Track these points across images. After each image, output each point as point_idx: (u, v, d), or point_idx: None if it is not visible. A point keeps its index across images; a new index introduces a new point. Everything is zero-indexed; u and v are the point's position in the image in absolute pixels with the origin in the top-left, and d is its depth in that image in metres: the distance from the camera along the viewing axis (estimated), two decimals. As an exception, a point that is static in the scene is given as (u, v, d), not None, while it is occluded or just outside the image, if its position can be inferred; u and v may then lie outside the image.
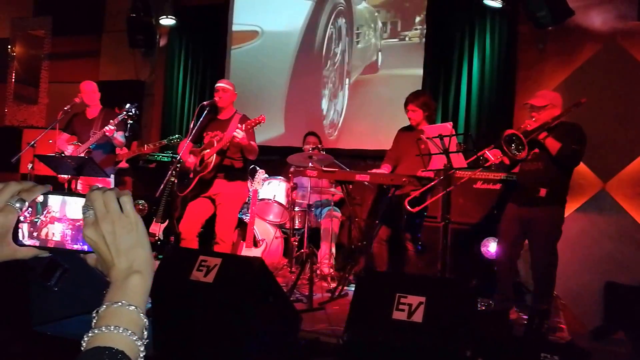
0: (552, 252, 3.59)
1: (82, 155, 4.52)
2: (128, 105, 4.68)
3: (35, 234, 0.82)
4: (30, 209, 0.82)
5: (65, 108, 4.90)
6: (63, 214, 0.82)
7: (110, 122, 4.57)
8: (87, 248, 0.79)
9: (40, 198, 0.82)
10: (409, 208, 3.68)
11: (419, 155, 3.71)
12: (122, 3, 6.82)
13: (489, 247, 4.28)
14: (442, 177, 3.57)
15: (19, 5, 7.87)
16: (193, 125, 4.37)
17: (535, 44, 4.97)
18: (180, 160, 4.40)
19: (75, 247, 0.81)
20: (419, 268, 4.32)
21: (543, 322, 3.34)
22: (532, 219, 3.62)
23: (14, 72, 7.82)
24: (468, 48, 5.40)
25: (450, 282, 3.25)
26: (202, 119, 4.37)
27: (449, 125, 3.60)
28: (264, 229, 5.03)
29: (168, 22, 6.44)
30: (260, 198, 4.98)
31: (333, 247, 5.08)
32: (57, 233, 0.82)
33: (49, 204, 0.82)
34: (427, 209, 4.18)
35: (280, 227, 5.19)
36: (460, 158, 3.55)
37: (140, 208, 5.39)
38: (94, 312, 0.71)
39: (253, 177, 4.85)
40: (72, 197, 0.83)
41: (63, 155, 4.49)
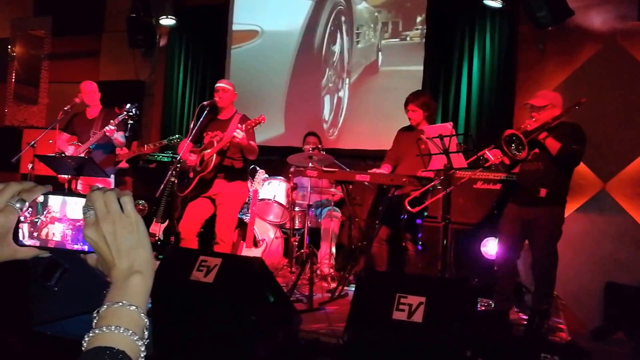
0: (552, 252, 3.59)
1: (82, 156, 4.52)
2: (128, 106, 4.68)
3: (36, 234, 0.82)
4: (31, 209, 0.82)
5: (66, 108, 4.90)
6: (63, 214, 0.82)
7: (111, 122, 4.57)
8: (87, 248, 0.79)
9: (41, 198, 0.82)
10: (409, 208, 3.68)
11: (419, 156, 3.71)
12: (122, 3, 6.81)
13: (489, 247, 4.28)
14: (442, 177, 3.57)
15: (19, 6, 7.87)
16: (193, 126, 4.37)
17: (536, 44, 4.97)
18: (181, 161, 4.40)
19: (76, 247, 0.81)
20: (419, 268, 4.32)
21: (543, 322, 3.33)
22: (532, 219, 3.62)
23: (14, 72, 7.82)
24: (468, 48, 5.40)
25: (451, 282, 3.26)
26: (202, 119, 4.37)
27: (449, 126, 3.60)
28: (264, 229, 5.03)
29: (168, 22, 6.44)
30: (261, 198, 4.98)
31: (333, 247, 5.07)
32: (57, 233, 0.82)
33: (50, 204, 0.82)
34: (427, 209, 4.19)
35: (281, 227, 5.19)
36: (461, 158, 3.55)
37: (141, 208, 5.38)
38: (95, 312, 0.71)
39: (253, 177, 4.85)
40: (72, 197, 0.83)
41: (63, 156, 4.49)
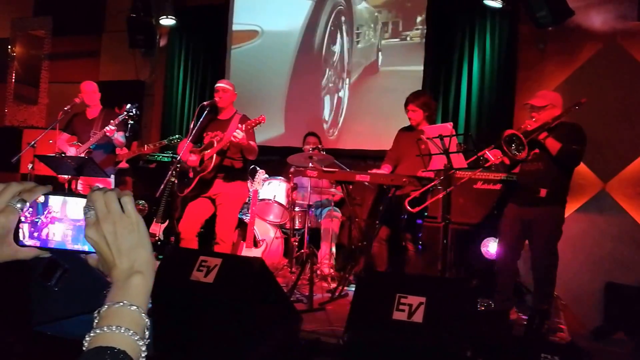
0: (552, 252, 3.59)
1: (82, 156, 4.51)
2: (129, 106, 4.67)
3: (36, 234, 0.82)
4: (31, 210, 0.81)
5: (66, 108, 4.90)
6: (64, 215, 0.82)
7: (111, 122, 4.57)
8: (88, 248, 0.79)
9: (41, 198, 0.82)
10: (409, 208, 3.68)
11: (419, 156, 3.71)
12: (122, 3, 6.81)
13: (489, 247, 4.28)
14: (442, 177, 3.57)
15: (19, 5, 7.86)
16: (193, 126, 4.37)
17: (536, 44, 4.97)
18: (181, 161, 4.40)
19: (77, 247, 0.81)
20: (419, 268, 4.32)
21: (543, 322, 3.33)
22: (532, 219, 3.62)
23: (14, 72, 7.81)
24: (468, 48, 5.40)
25: (451, 282, 3.26)
26: (202, 119, 4.37)
27: (449, 126, 3.60)
28: (264, 229, 5.03)
29: (168, 22, 6.44)
30: (261, 198, 4.98)
31: (333, 247, 5.07)
32: (58, 233, 0.82)
33: (50, 205, 0.82)
34: (427, 209, 4.19)
35: (281, 227, 5.19)
36: (461, 158, 3.55)
37: (141, 208, 5.38)
38: (96, 312, 0.71)
39: (253, 177, 4.85)
40: (73, 197, 0.82)
41: (63, 156, 4.49)
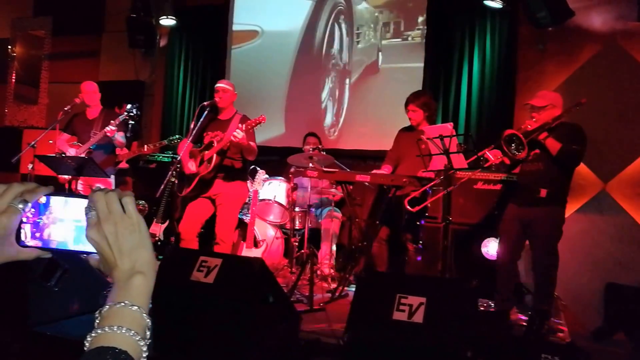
0: (552, 252, 3.59)
1: (82, 156, 4.51)
2: (129, 106, 4.67)
3: (38, 235, 0.82)
4: (33, 210, 0.82)
5: (66, 108, 4.90)
6: (65, 215, 0.82)
7: (111, 122, 4.57)
8: (89, 249, 0.79)
9: (43, 199, 0.82)
10: (409, 208, 3.68)
11: (420, 156, 3.71)
12: (122, 3, 6.81)
13: (490, 247, 4.28)
14: (442, 177, 3.57)
15: (19, 6, 7.86)
16: (193, 126, 4.37)
17: (536, 45, 4.97)
18: (181, 161, 4.40)
19: (78, 248, 0.81)
20: (420, 268, 4.32)
21: (543, 322, 3.34)
22: (532, 220, 3.62)
23: (14, 72, 7.81)
24: (468, 48, 5.40)
25: (451, 282, 3.26)
26: (202, 120, 4.37)
27: (450, 126, 3.60)
28: (265, 230, 5.03)
29: (168, 22, 6.44)
30: (261, 198, 4.98)
31: (333, 247, 5.07)
32: (59, 234, 0.82)
33: (52, 205, 0.82)
34: (427, 210, 4.19)
35: (281, 227, 5.19)
36: (461, 158, 3.55)
37: (141, 208, 5.39)
38: (97, 312, 0.71)
39: (253, 177, 4.85)
40: (74, 198, 0.83)
41: (63, 156, 4.49)
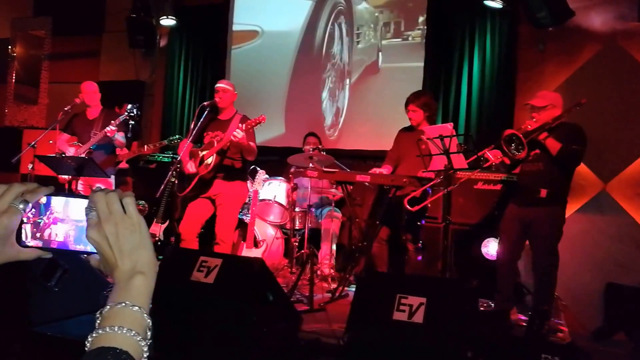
0: (552, 252, 3.59)
1: (82, 156, 4.51)
2: (130, 106, 4.67)
3: (39, 235, 0.82)
4: (34, 210, 0.82)
5: (66, 108, 4.90)
6: (66, 215, 0.82)
7: (112, 122, 4.56)
8: (90, 249, 0.79)
9: (44, 199, 0.82)
10: (409, 207, 3.68)
11: (420, 156, 3.71)
12: (122, 3, 6.81)
13: (490, 247, 4.28)
14: (442, 177, 3.57)
15: (19, 6, 7.86)
16: (193, 126, 4.37)
17: (536, 45, 4.97)
18: (181, 161, 4.40)
19: (78, 248, 0.81)
20: (420, 269, 4.32)
21: (544, 322, 3.33)
22: (532, 220, 3.62)
23: (14, 72, 7.81)
24: (468, 48, 5.40)
25: (451, 282, 3.26)
26: (202, 120, 4.37)
27: (450, 126, 3.60)
28: (265, 230, 5.03)
29: (168, 22, 6.44)
30: (261, 199, 4.98)
31: (334, 247, 5.07)
32: (60, 234, 0.82)
33: (52, 205, 0.82)
34: (427, 210, 4.19)
35: (281, 227, 5.19)
36: (461, 159, 3.55)
37: (141, 209, 5.37)
38: (98, 312, 0.71)
39: (253, 177, 4.85)
40: (75, 198, 0.83)
41: (63, 156, 4.49)
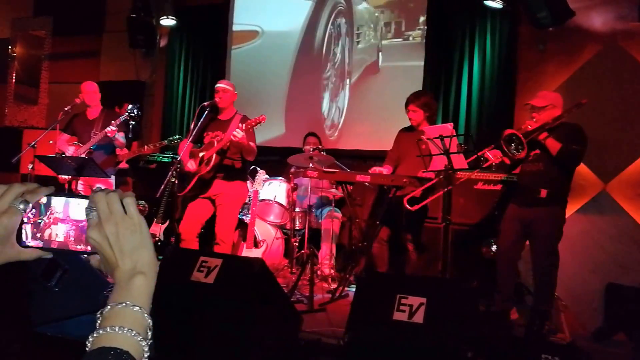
0: (553, 252, 3.59)
1: (82, 156, 4.51)
2: (130, 107, 4.66)
3: (39, 235, 0.82)
4: (34, 210, 0.82)
5: (66, 109, 4.90)
6: (66, 215, 0.82)
7: (112, 122, 4.56)
8: (90, 249, 0.79)
9: (44, 199, 0.82)
10: (408, 206, 3.67)
11: (420, 156, 3.71)
12: (122, 3, 6.81)
13: (490, 247, 4.27)
14: (442, 177, 3.57)
15: (19, 6, 7.86)
16: (194, 126, 4.36)
17: (536, 45, 4.97)
18: (181, 161, 4.40)
19: (79, 248, 0.81)
20: (420, 269, 4.32)
21: (544, 323, 3.34)
22: (533, 220, 3.62)
23: (14, 72, 7.81)
24: (469, 48, 5.40)
25: (451, 283, 3.26)
26: (202, 120, 4.37)
27: (450, 126, 3.59)
28: (265, 230, 5.03)
29: (168, 22, 6.44)
30: (261, 199, 4.98)
31: (334, 247, 5.07)
32: (60, 234, 0.82)
33: (53, 205, 0.82)
34: (427, 210, 4.19)
35: (281, 227, 5.19)
36: (461, 159, 3.55)
37: (141, 209, 5.37)
38: (99, 312, 0.71)
39: (254, 177, 4.85)
40: (75, 198, 0.83)
41: (63, 156, 4.49)
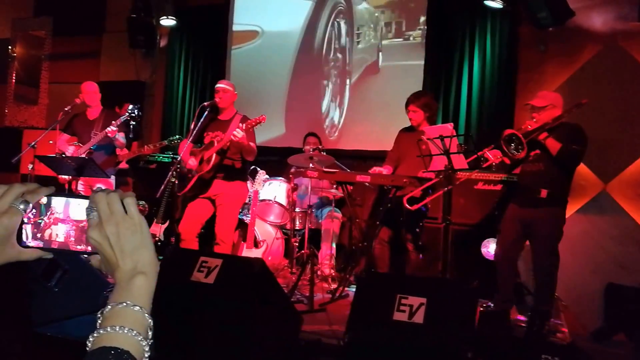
0: (553, 253, 3.59)
1: (82, 156, 4.51)
2: (131, 107, 4.66)
3: (39, 235, 0.82)
4: (34, 211, 0.82)
5: (66, 109, 4.90)
6: (67, 216, 0.82)
7: (113, 123, 4.56)
8: (90, 249, 0.79)
9: (44, 200, 0.82)
10: (407, 206, 3.67)
11: (420, 156, 3.71)
12: (122, 3, 6.81)
13: (490, 248, 4.27)
14: (443, 177, 3.57)
15: (20, 6, 7.87)
16: (194, 126, 4.36)
17: (536, 45, 4.97)
18: (181, 161, 4.40)
19: (79, 248, 0.81)
20: (420, 269, 4.32)
21: (544, 323, 3.33)
22: (533, 220, 3.62)
23: (15, 72, 7.82)
24: (469, 49, 5.40)
25: (451, 283, 3.26)
26: (202, 120, 4.37)
27: (450, 126, 3.59)
28: (265, 230, 5.03)
29: (168, 22, 6.44)
30: (261, 199, 4.98)
31: (334, 248, 5.07)
32: (60, 234, 0.82)
33: (53, 206, 0.82)
34: (428, 210, 4.19)
35: (281, 227, 5.19)
36: (461, 159, 3.55)
37: (141, 209, 5.37)
38: (99, 312, 0.71)
39: (254, 177, 4.85)
40: (75, 198, 0.83)
41: (63, 156, 4.49)
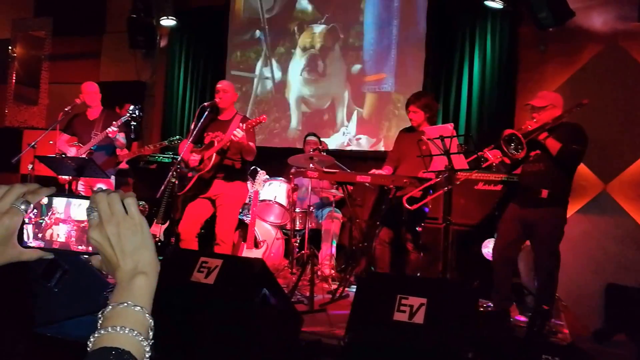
0: (554, 253, 3.59)
1: (82, 157, 4.51)
2: (132, 107, 4.66)
3: (40, 236, 0.82)
4: (35, 211, 0.82)
5: (66, 109, 4.90)
6: (68, 216, 0.82)
7: (113, 123, 4.56)
8: (91, 249, 0.79)
9: (45, 200, 0.82)
10: (407, 205, 3.67)
11: (420, 157, 3.71)
12: (123, 4, 6.82)
13: (490, 248, 4.27)
14: (443, 178, 3.57)
15: (20, 6, 7.87)
16: (194, 126, 4.36)
17: (536, 45, 4.97)
18: (181, 161, 4.39)
19: (80, 248, 0.81)
20: (420, 269, 4.32)
21: (544, 323, 3.33)
22: (534, 220, 3.61)
23: (15, 73, 7.82)
24: (469, 49, 5.40)
25: (452, 283, 3.26)
26: (202, 120, 4.36)
27: (450, 127, 3.59)
28: (265, 230, 5.02)
29: (169, 23, 6.45)
30: (261, 199, 4.98)
31: (334, 248, 5.07)
32: (61, 234, 0.82)
33: (54, 206, 0.82)
34: (428, 210, 4.19)
35: (281, 228, 5.19)
36: (462, 159, 3.55)
37: (141, 209, 5.37)
38: (100, 312, 0.71)
39: (254, 178, 4.84)
40: (76, 199, 0.83)
41: (63, 157, 4.49)
